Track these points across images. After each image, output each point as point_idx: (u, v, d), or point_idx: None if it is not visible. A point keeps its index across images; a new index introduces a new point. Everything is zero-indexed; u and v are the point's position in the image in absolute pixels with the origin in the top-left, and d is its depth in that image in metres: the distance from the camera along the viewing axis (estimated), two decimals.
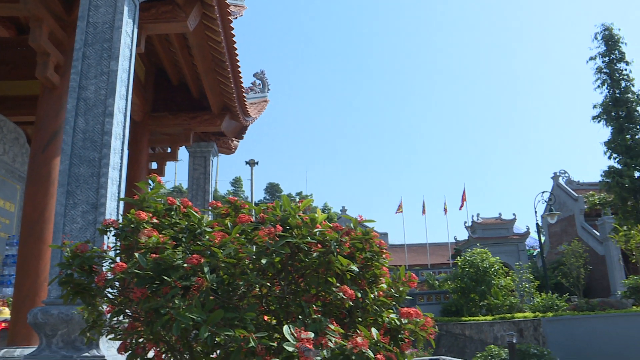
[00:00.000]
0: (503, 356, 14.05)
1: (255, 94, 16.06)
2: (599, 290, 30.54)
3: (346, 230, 3.86)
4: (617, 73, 22.64)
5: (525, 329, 17.03)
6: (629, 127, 21.76)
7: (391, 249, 46.74)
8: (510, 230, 34.30)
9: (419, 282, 38.14)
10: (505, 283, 24.21)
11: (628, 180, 20.89)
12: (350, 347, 3.07)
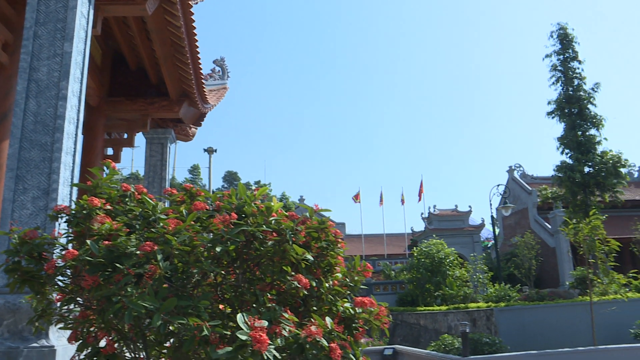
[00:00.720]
0: (456, 345, 14.29)
1: (214, 81, 15.86)
2: (549, 280, 31.39)
3: (302, 219, 3.85)
4: (570, 71, 23.19)
5: (478, 318, 17.38)
6: (581, 124, 22.34)
7: (348, 239, 47.01)
8: (465, 222, 34.87)
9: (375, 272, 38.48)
10: (460, 274, 24.62)
11: (579, 175, 21.48)
12: (305, 336, 3.08)
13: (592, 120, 22.34)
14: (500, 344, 14.25)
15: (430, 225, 34.12)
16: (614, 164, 21.64)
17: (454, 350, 14.19)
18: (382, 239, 48.45)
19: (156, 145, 14.30)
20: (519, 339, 15.97)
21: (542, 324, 16.51)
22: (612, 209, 28.17)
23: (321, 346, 3.11)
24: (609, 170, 21.57)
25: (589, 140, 22.07)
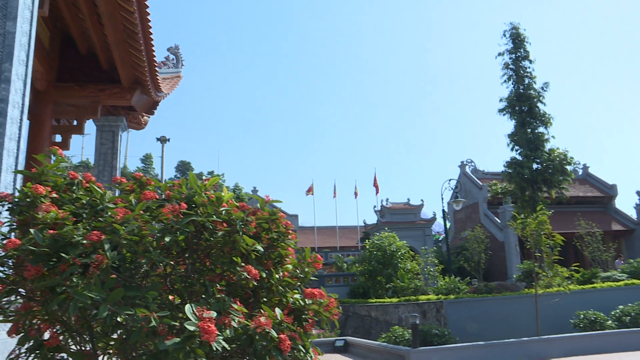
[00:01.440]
0: (406, 336, 14.49)
1: (168, 69, 15.60)
2: (497, 273, 32.18)
3: (252, 210, 3.82)
4: (521, 70, 23.69)
5: (428, 310, 17.67)
6: (530, 121, 22.88)
7: (301, 231, 47.10)
8: (417, 215, 35.35)
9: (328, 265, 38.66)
10: (411, 266, 24.93)
11: (527, 172, 22.02)
12: (254, 327, 3.06)
13: (541, 119, 22.90)
14: (449, 335, 14.53)
15: (383, 218, 34.45)
16: (560, 161, 22.25)
17: (404, 341, 14.39)
18: (334, 231, 48.68)
19: (107, 133, 13.97)
20: (467, 330, 16.35)
21: (490, 315, 16.93)
22: (558, 204, 29.02)
23: (270, 337, 3.10)
24: (556, 167, 22.16)
25: (537, 138, 22.62)
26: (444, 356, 13.27)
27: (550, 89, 23.44)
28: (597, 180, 40.15)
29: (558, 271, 15.20)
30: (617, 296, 18.20)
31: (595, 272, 21.08)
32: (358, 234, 46.40)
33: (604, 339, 14.58)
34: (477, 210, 36.34)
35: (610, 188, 38.88)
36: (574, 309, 16.58)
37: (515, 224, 15.87)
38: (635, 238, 35.98)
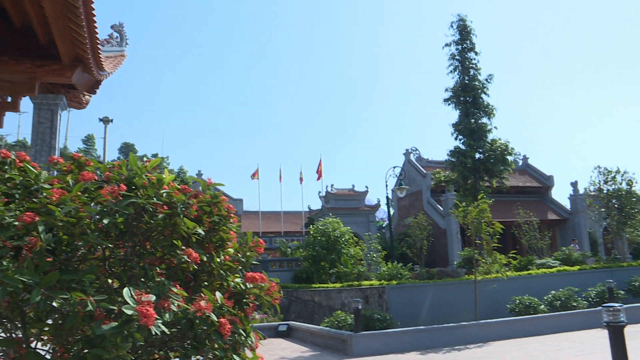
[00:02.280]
0: (349, 321, 14.64)
1: (111, 47, 15.09)
2: (439, 260, 32.87)
3: (194, 193, 3.75)
4: (467, 61, 24.13)
5: (370, 295, 17.89)
6: (474, 112, 23.37)
7: (246, 215, 46.82)
8: (362, 202, 35.67)
9: (272, 250, 38.62)
10: (354, 252, 25.16)
11: (470, 161, 22.53)
12: (194, 311, 3.01)
13: (485, 109, 23.42)
14: (391, 320, 14.77)
15: (327, 204, 34.61)
16: (502, 151, 22.84)
17: (347, 326, 14.54)
18: (279, 216, 48.67)
19: (45, 111, 13.41)
20: (409, 315, 16.65)
21: (431, 301, 17.30)
22: (498, 193, 29.89)
23: (211, 321, 3.05)
24: (497, 157, 22.74)
25: (481, 128, 23.14)
26: (385, 341, 13.48)
27: (493, 81, 23.97)
28: (536, 171, 41.46)
29: (497, 258, 15.64)
30: (550, 282, 18.98)
31: (531, 259, 21.86)
32: (302, 220, 46.52)
33: (537, 323, 15.16)
34: (421, 197, 36.95)
35: (548, 179, 40.23)
36: (511, 294, 17.15)
37: (457, 212, 16.21)
38: (569, 227, 37.42)
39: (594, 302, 17.10)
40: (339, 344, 13.97)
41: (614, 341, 5.73)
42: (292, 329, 18.46)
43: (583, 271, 20.41)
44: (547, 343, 13.31)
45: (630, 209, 23.47)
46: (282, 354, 13.87)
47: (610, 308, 5.79)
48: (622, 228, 23.77)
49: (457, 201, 20.93)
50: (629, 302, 17.73)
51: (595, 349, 11.78)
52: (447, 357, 12.05)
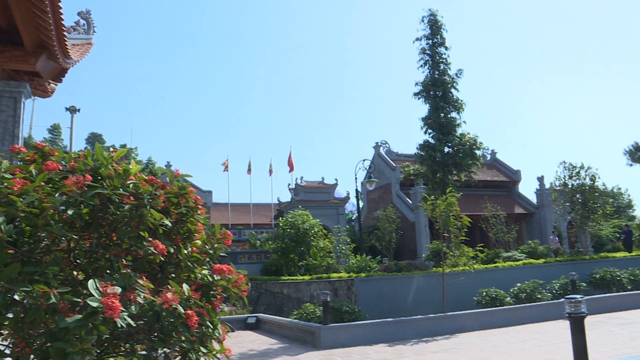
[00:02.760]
0: (318, 313, 14.68)
1: (78, 35, 14.76)
2: (407, 253, 33.15)
3: (161, 184, 3.69)
4: (437, 56, 24.27)
5: (339, 288, 17.96)
6: (444, 106, 23.53)
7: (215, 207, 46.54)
8: (331, 194, 35.75)
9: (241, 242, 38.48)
10: (323, 245, 25.22)
11: (439, 155, 22.70)
12: (160, 303, 2.96)
13: (454, 104, 23.61)
14: (360, 312, 14.85)
15: (297, 196, 34.61)
16: (470, 146, 23.06)
17: (316, 318, 14.58)
18: (249, 208, 48.53)
19: (7, 99, 13.03)
20: (377, 307, 16.76)
21: (399, 293, 17.44)
22: (466, 187, 30.19)
23: (178, 313, 3.01)
24: (466, 151, 22.95)
25: (450, 123, 23.32)
26: (353, 333, 13.55)
27: (463, 76, 24.18)
28: (504, 165, 42.07)
29: (464, 251, 15.83)
30: (516, 275, 19.33)
31: (498, 252, 22.22)
32: (272, 212, 46.45)
33: (503, 314, 15.43)
34: (390, 190, 37.17)
35: (515, 173, 40.86)
36: (478, 286, 17.39)
37: (425, 205, 16.34)
38: (535, 221, 38.11)
39: (557, 294, 17.47)
40: (308, 336, 13.99)
41: (574, 331, 5.86)
42: (261, 322, 18.43)
43: (548, 264, 20.84)
44: (512, 334, 13.55)
45: (593, 204, 24.02)
46: (250, 346, 13.84)
47: (572, 300, 5.92)
48: (585, 222, 24.31)
49: (426, 194, 21.09)
50: (590, 294, 18.18)
51: (558, 339, 12.04)
52: (414, 349, 12.17)
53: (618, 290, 19.09)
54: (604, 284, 19.23)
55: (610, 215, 27.85)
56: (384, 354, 11.61)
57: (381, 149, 39.69)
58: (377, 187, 36.90)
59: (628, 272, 19.89)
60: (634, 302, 17.77)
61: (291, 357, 11.87)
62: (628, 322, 14.62)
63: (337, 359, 11.36)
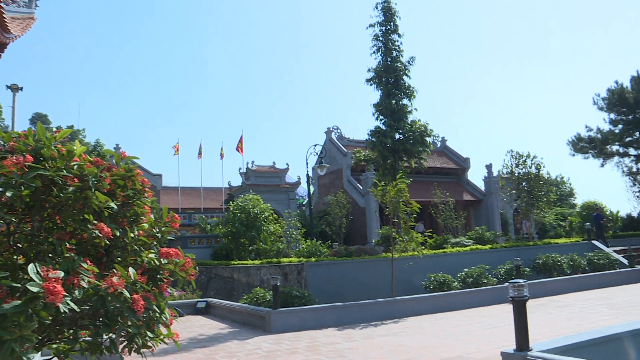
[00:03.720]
0: (268, 298, 14.66)
1: (18, 8, 14.15)
2: (357, 238, 33.43)
3: (107, 166, 3.57)
4: (390, 43, 24.32)
5: (290, 272, 17.98)
6: (396, 93, 23.68)
7: (165, 191, 45.84)
8: (282, 179, 35.68)
9: (191, 226, 38.04)
10: (274, 229, 25.17)
11: (390, 141, 22.87)
12: (106, 287, 2.87)
13: (406, 91, 23.77)
14: (309, 297, 14.90)
15: (248, 180, 34.40)
16: (421, 133, 23.30)
17: (266, 302, 14.56)
18: (199, 192, 47.99)
19: None
20: (327, 292, 16.86)
21: (349, 278, 17.58)
22: (416, 174, 30.61)
23: (123, 298, 2.93)
24: (416, 138, 23.18)
25: (401, 109, 23.48)
26: (303, 317, 13.60)
27: (415, 63, 24.38)
28: (453, 153, 42.79)
29: (413, 236, 16.06)
30: (463, 260, 19.78)
31: (446, 238, 22.67)
32: (223, 196, 46.06)
33: (450, 299, 15.77)
34: (341, 176, 37.33)
35: (464, 161, 41.64)
36: (426, 271, 17.70)
37: (375, 191, 16.47)
38: (483, 208, 38.99)
39: (502, 279, 17.97)
40: (258, 320, 13.98)
41: (517, 314, 6.03)
42: (211, 306, 18.31)
43: (494, 250, 21.42)
44: (459, 318, 13.87)
45: (537, 192, 24.76)
46: (200, 331, 13.73)
47: (515, 284, 6.08)
48: (530, 209, 25.05)
49: (377, 180, 21.22)
50: (533, 278, 18.79)
51: (502, 322, 12.40)
52: (363, 333, 12.31)
53: (559, 274, 19.83)
54: (546, 268, 19.92)
55: (554, 203, 28.72)
56: (333, 338, 11.70)
57: (333, 134, 39.76)
58: (328, 172, 37.01)
59: (568, 257, 20.69)
60: (572, 286, 18.52)
61: (241, 342, 11.83)
62: (566, 304, 15.19)
63: (287, 343, 11.39)
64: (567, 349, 5.85)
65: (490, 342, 10.15)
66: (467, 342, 10.39)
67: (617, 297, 16.16)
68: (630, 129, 37.80)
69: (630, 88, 37.15)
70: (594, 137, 39.20)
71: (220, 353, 10.51)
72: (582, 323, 11.79)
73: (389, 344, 10.59)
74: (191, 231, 36.85)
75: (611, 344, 6.29)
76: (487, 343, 10.12)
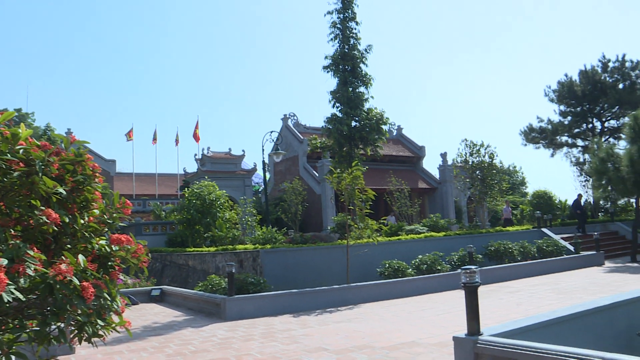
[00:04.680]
0: (223, 285, 14.58)
1: None
2: (313, 225, 33.52)
3: (55, 150, 3.45)
4: (348, 30, 24.32)
5: (245, 259, 17.91)
6: (352, 80, 23.73)
7: (119, 177, 45.03)
8: (238, 165, 35.43)
9: (146, 213, 37.47)
10: (229, 216, 25.01)
11: (346, 128, 22.95)
12: (54, 275, 2.78)
13: (363, 79, 23.85)
14: (265, 284, 14.89)
15: (203, 167, 34.04)
16: (377, 121, 23.45)
17: (221, 290, 14.49)
18: (154, 178, 47.30)
19: None
20: (283, 279, 16.87)
21: (304, 265, 17.63)
22: (372, 162, 30.87)
23: (73, 286, 2.85)
24: (372, 126, 23.32)
25: (358, 97, 23.55)
26: (259, 304, 13.59)
27: (372, 52, 24.46)
28: (409, 141, 43.24)
29: (368, 224, 16.19)
30: (418, 247, 20.07)
31: (401, 226, 22.94)
32: (178, 182, 45.53)
33: (404, 285, 16.00)
34: (297, 163, 37.31)
35: (420, 149, 42.14)
36: (381, 258, 17.89)
37: (331, 178, 16.52)
38: (437, 196, 39.61)
39: (456, 266, 18.31)
40: (213, 307, 13.90)
41: (468, 299, 6.15)
42: (166, 294, 18.11)
43: (448, 237, 21.82)
44: (412, 304, 14.09)
45: (490, 180, 25.33)
46: (154, 319, 13.56)
47: (467, 270, 6.20)
48: (484, 198, 25.62)
49: (332, 167, 21.29)
50: (485, 265, 19.23)
51: (454, 308, 12.65)
52: (319, 319, 12.38)
53: (510, 261, 20.35)
54: (497, 255, 20.41)
55: (506, 192, 29.41)
56: (289, 325, 11.73)
57: (289, 121, 39.65)
58: (284, 159, 36.94)
59: (519, 244, 21.25)
60: (522, 272, 19.06)
61: (196, 329, 11.75)
62: (516, 290, 15.62)
63: (242, 330, 11.37)
64: (516, 332, 6.02)
65: (443, 327, 10.34)
66: (421, 327, 10.57)
67: (564, 282, 16.71)
68: (578, 121, 38.97)
69: (579, 81, 38.25)
70: (545, 128, 40.22)
71: (175, 341, 10.41)
72: (531, 307, 12.15)
73: (344, 330, 10.68)
74: (145, 218, 36.29)
75: (556, 326, 6.51)
76: (440, 328, 10.31)
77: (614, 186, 23.38)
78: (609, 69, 37.77)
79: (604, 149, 24.26)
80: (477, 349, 5.79)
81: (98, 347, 9.70)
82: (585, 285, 15.71)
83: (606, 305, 7.26)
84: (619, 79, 37.22)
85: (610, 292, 13.86)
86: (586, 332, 6.90)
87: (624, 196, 25.59)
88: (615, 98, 36.00)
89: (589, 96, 37.45)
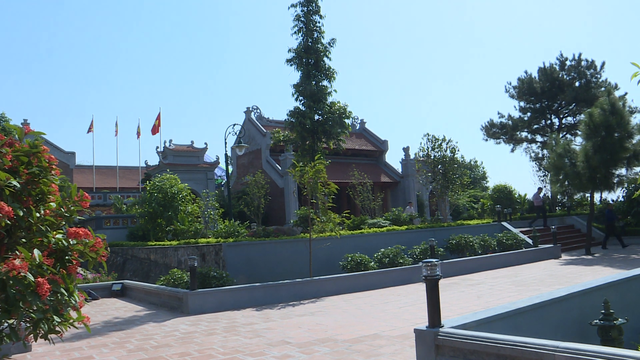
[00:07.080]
0: (185, 279, 14.45)
1: None
2: (276, 218, 33.45)
3: (8, 141, 3.34)
4: (312, 24, 24.24)
5: (207, 253, 17.77)
6: (316, 74, 23.69)
7: (79, 170, 44.17)
8: (201, 158, 35.11)
9: (106, 206, 36.84)
10: (192, 209, 24.78)
11: (309, 122, 22.92)
12: (6, 270, 2.70)
13: (326, 72, 23.83)
14: (227, 278, 14.81)
15: (165, 159, 33.62)
16: (340, 114, 23.47)
17: (183, 284, 14.37)
18: (115, 171, 46.55)
19: None
20: (245, 272, 16.81)
21: (267, 258, 17.58)
22: (335, 155, 30.93)
23: (27, 281, 2.77)
24: (335, 120, 23.34)
25: (321, 91, 23.53)
26: (221, 298, 13.52)
27: (336, 45, 24.48)
28: (372, 135, 43.46)
29: (331, 217, 16.24)
30: (380, 240, 20.24)
31: (363, 219, 23.06)
32: (139, 175, 44.87)
33: (367, 278, 16.11)
34: (260, 156, 37.14)
35: (383, 143, 42.39)
36: (344, 252, 17.98)
37: (294, 172, 16.51)
38: (400, 189, 39.93)
39: (418, 259, 18.51)
40: (175, 302, 13.77)
41: (429, 292, 6.23)
42: (127, 288, 17.87)
43: (410, 230, 22.05)
44: (375, 297, 14.20)
45: (452, 175, 25.69)
46: (115, 314, 13.36)
47: (428, 263, 6.27)
48: (445, 192, 25.97)
49: (295, 161, 21.24)
50: (447, 258, 19.51)
51: (416, 301, 12.81)
52: (281, 313, 12.37)
53: (471, 254, 20.69)
54: (459, 248, 20.72)
55: (467, 186, 29.85)
56: (252, 319, 11.70)
57: (252, 114, 39.41)
58: (247, 152, 36.76)
59: (479, 237, 21.63)
60: (483, 265, 19.41)
61: (158, 324, 11.62)
62: (477, 282, 15.89)
63: (205, 324, 11.29)
64: (476, 324, 6.13)
65: (405, 320, 10.45)
66: (383, 320, 10.66)
67: (523, 275, 17.07)
68: (537, 117, 39.79)
69: (538, 78, 39.04)
70: (505, 124, 40.91)
71: (137, 336, 10.28)
72: (491, 300, 12.37)
73: (307, 324, 10.70)
74: (106, 211, 35.69)
75: (515, 317, 6.66)
76: (402, 321, 10.41)
77: (570, 181, 23.91)
78: (566, 67, 38.64)
79: (561, 144, 24.80)
80: (438, 341, 5.87)
81: (56, 344, 9.51)
82: (543, 278, 16.09)
83: (561, 297, 7.45)
84: (575, 77, 38.13)
85: (566, 283, 14.24)
86: (543, 323, 7.07)
87: (579, 191, 26.15)
88: (572, 95, 36.89)
89: (548, 93, 38.26)
